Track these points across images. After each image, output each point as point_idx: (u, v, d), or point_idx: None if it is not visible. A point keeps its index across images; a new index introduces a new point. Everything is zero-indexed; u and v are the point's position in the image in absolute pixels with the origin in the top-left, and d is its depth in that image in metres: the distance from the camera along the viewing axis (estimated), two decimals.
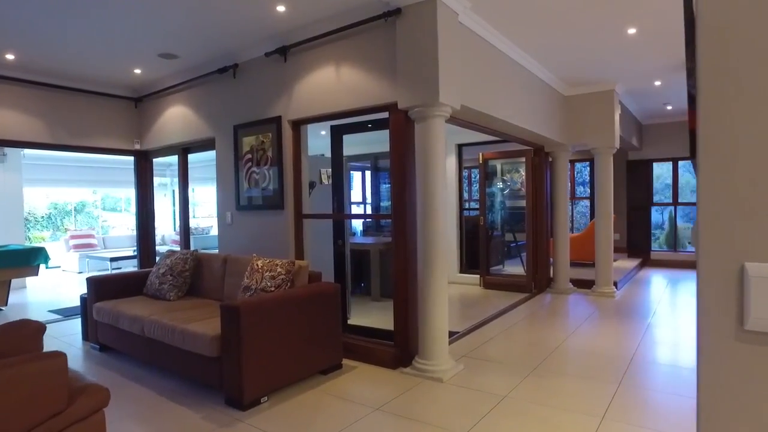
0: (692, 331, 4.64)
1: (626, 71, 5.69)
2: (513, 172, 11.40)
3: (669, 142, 9.05)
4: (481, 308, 5.84)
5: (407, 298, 3.78)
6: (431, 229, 3.55)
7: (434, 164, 3.52)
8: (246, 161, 4.79)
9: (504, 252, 8.61)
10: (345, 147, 9.11)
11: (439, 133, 3.53)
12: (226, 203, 5.05)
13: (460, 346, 4.28)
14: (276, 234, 4.56)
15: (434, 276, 3.56)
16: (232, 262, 4.30)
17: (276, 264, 3.70)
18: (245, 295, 3.70)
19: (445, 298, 3.62)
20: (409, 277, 3.78)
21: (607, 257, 6.39)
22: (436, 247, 3.55)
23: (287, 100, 4.42)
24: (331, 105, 4.09)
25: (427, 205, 3.54)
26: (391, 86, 3.69)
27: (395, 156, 3.76)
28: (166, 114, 5.68)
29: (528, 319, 5.24)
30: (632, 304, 5.90)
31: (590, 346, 4.22)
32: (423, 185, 3.55)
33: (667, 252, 9.47)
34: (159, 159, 6.28)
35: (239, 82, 4.83)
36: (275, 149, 4.51)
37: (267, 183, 4.61)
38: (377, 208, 8.51)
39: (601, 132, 6.32)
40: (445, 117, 3.58)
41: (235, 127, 4.85)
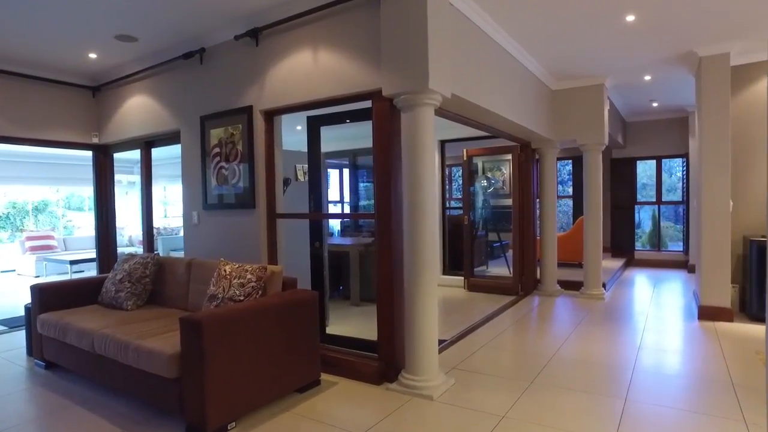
0: (691, 336, 4.41)
1: (617, 64, 5.44)
2: (495, 170, 11.17)
3: (653, 140, 8.91)
4: (467, 313, 5.53)
5: (392, 305, 3.43)
6: (419, 228, 3.20)
7: (423, 157, 3.17)
8: (214, 156, 4.37)
9: (487, 252, 8.34)
10: (322, 143, 8.71)
11: (427, 124, 3.18)
12: (193, 202, 4.61)
13: (449, 357, 3.95)
14: (247, 236, 4.16)
15: (423, 281, 3.22)
16: (197, 266, 3.88)
17: (246, 270, 3.31)
18: (211, 304, 3.29)
19: (434, 305, 3.28)
20: (395, 282, 3.43)
21: (596, 258, 6.16)
22: (424, 248, 3.21)
23: (259, 89, 4.02)
24: (307, 93, 3.71)
25: (414, 202, 3.19)
26: (374, 72, 3.33)
27: (379, 149, 3.40)
28: (127, 104, 5.20)
29: (518, 325, 4.95)
30: (623, 307, 5.67)
31: (588, 354, 3.94)
32: (410, 180, 3.20)
33: (651, 251, 9.34)
34: (128, 154, 5.79)
35: (206, 69, 4.40)
36: (246, 142, 4.11)
37: (237, 180, 4.20)
38: (356, 208, 8.14)
39: (589, 128, 6.08)
40: (434, 106, 3.23)
41: (202, 119, 4.42)
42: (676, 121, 8.66)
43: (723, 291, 4.88)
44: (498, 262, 8.44)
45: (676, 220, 10.94)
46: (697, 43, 4.78)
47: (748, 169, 5.24)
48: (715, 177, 4.87)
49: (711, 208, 4.90)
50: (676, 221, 10.90)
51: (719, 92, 4.82)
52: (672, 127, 8.72)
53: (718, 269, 4.89)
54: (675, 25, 4.28)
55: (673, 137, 8.73)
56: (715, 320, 4.88)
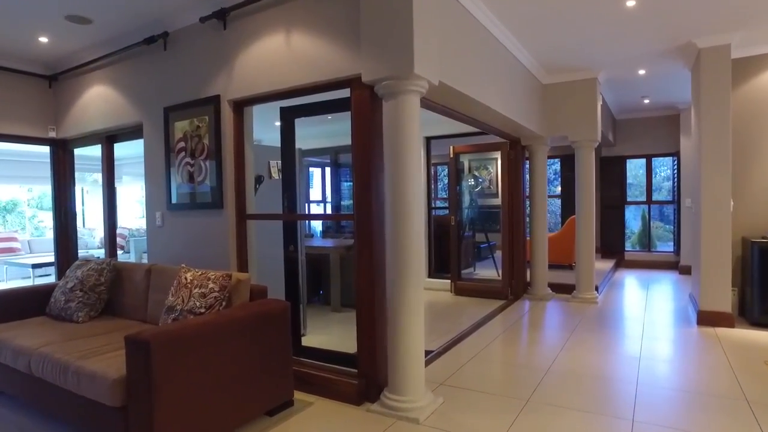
0: (692, 344, 4.14)
1: (612, 56, 5.17)
2: (482, 168, 10.89)
3: (643, 139, 8.70)
4: (454, 319, 5.21)
5: (373, 316, 3.08)
6: (404, 231, 2.86)
7: (407, 151, 2.83)
8: (179, 151, 3.98)
9: (475, 253, 8.04)
10: (302, 140, 8.31)
11: (413, 113, 2.84)
12: (156, 201, 4.21)
13: (436, 371, 3.62)
14: (214, 239, 3.78)
15: (407, 289, 2.88)
16: (157, 273, 3.49)
17: (208, 278, 2.93)
18: (168, 318, 2.91)
19: (420, 317, 2.94)
20: (376, 291, 3.08)
21: (588, 260, 5.89)
22: (409, 253, 2.86)
23: (227, 77, 3.64)
24: (279, 81, 3.35)
25: (398, 201, 2.85)
26: (353, 56, 2.98)
27: (358, 142, 3.05)
28: (86, 95, 4.77)
29: (508, 333, 4.64)
30: (617, 312, 5.40)
31: (586, 366, 3.64)
32: (393, 177, 2.86)
33: (641, 252, 9.14)
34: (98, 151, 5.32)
35: (170, 55, 4.01)
36: (213, 136, 3.73)
37: (203, 177, 3.82)
38: (338, 208, 7.78)
39: (582, 124, 5.81)
40: (420, 93, 2.89)
41: (166, 110, 4.02)
42: (666, 118, 8.46)
43: (723, 295, 4.63)
44: (485, 264, 8.15)
45: (661, 219, 10.78)
46: (697, 34, 4.51)
47: (747, 167, 5.00)
48: (715, 176, 4.62)
49: (711, 209, 4.65)
50: (661, 220, 10.74)
51: (719, 86, 4.57)
52: (662, 125, 8.51)
53: (718, 272, 4.63)
54: (674, 13, 4.01)
55: (663, 135, 8.52)
56: (716, 326, 4.63)
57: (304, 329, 4.67)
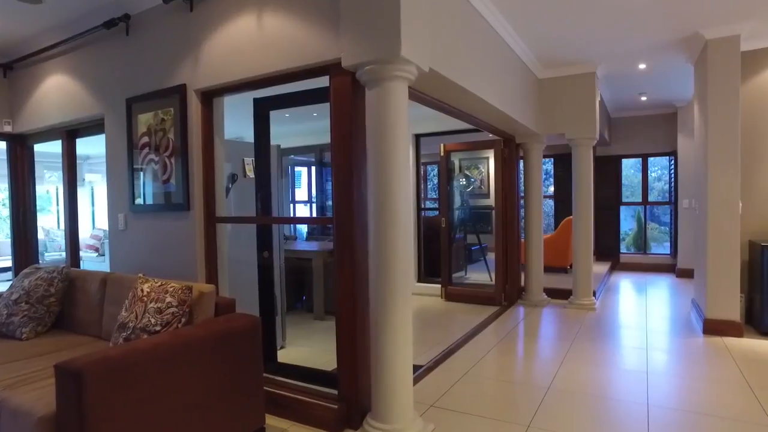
0: (702, 356, 3.84)
1: (612, 49, 4.87)
2: (473, 168, 10.58)
3: (639, 138, 8.44)
4: (445, 329, 4.87)
5: (355, 331, 2.74)
6: (390, 236, 2.51)
7: (394, 145, 2.49)
8: (143, 146, 3.60)
9: (466, 255, 7.73)
10: (286, 138, 7.96)
11: (400, 103, 2.50)
12: (119, 202, 3.83)
13: (426, 390, 3.28)
14: (180, 244, 3.40)
15: (394, 302, 2.53)
16: (113, 283, 3.12)
17: (166, 291, 2.57)
18: (120, 336, 2.54)
19: (408, 332, 2.60)
20: (358, 303, 2.73)
21: (586, 264, 5.59)
22: (396, 261, 2.52)
23: (193, 64, 3.27)
24: (251, 68, 2.99)
25: (383, 203, 2.50)
26: (331, 38, 2.63)
27: (338, 136, 2.70)
28: (45, 86, 4.36)
29: (504, 345, 4.31)
30: (617, 319, 5.11)
31: (589, 383, 3.32)
32: (377, 175, 2.51)
33: (636, 254, 8.88)
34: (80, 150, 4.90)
35: (133, 41, 3.63)
36: (178, 130, 3.35)
37: (168, 176, 3.45)
38: (323, 209, 7.43)
39: (579, 121, 5.50)
40: (408, 80, 2.55)
41: (129, 101, 3.64)
42: (663, 116, 8.20)
43: (731, 303, 4.34)
44: (477, 267, 7.84)
45: (652, 219, 10.54)
46: (704, 24, 4.22)
47: (755, 166, 4.73)
48: (722, 175, 4.33)
49: (718, 210, 4.36)
50: (652, 220, 10.49)
51: (728, 80, 4.28)
52: (659, 123, 8.26)
53: (725, 278, 4.35)
54: (681, 1, 3.71)
55: (660, 134, 8.27)
56: (723, 335, 4.34)
57: (283, 341, 4.32)
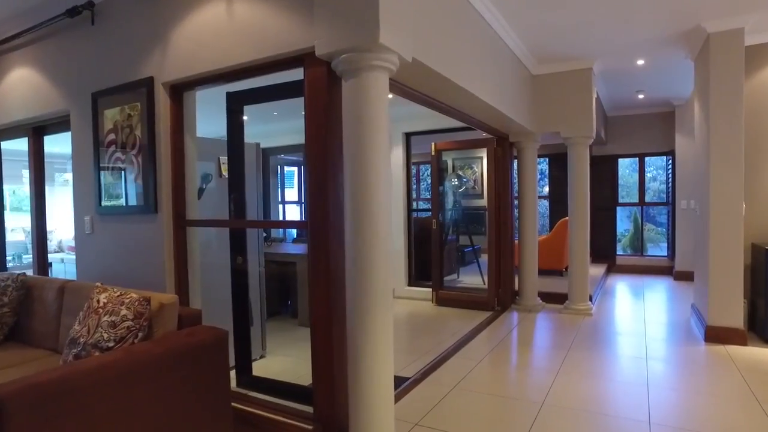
0: (705, 367, 3.63)
1: (610, 43, 4.66)
2: (466, 168, 10.37)
3: (635, 137, 8.24)
4: (435, 336, 4.65)
5: (331, 346, 2.51)
6: (367, 241, 2.29)
7: (372, 142, 2.26)
8: (109, 144, 3.36)
9: (458, 257, 7.51)
10: (276, 137, 7.72)
11: (379, 95, 2.27)
12: (85, 204, 3.58)
13: (411, 405, 3.06)
14: (147, 249, 3.16)
15: (372, 315, 2.31)
16: (72, 293, 2.88)
17: (123, 302, 2.33)
18: (70, 353, 2.31)
19: (389, 348, 2.38)
20: (335, 315, 2.51)
21: (582, 267, 5.38)
22: (374, 268, 2.30)
23: (161, 55, 3.03)
24: (221, 58, 2.75)
25: (360, 205, 2.28)
26: (305, 25, 2.40)
27: (312, 132, 2.47)
28: (8, 79, 4.10)
29: (496, 354, 4.09)
30: (615, 326, 4.90)
31: (587, 398, 3.10)
32: (354, 175, 2.29)
33: (633, 256, 8.69)
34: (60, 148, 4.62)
35: (99, 30, 3.38)
36: (145, 126, 3.12)
37: (135, 175, 3.21)
38: None
39: (575, 119, 5.29)
40: (389, 71, 2.32)
41: (94, 96, 3.39)
42: (661, 115, 8.01)
43: (734, 309, 4.14)
44: (470, 269, 7.62)
45: (647, 220, 10.34)
46: (706, 17, 4.02)
47: (759, 166, 4.53)
48: (725, 175, 4.13)
49: (720, 212, 4.15)
50: (648, 221, 10.30)
51: (731, 75, 4.08)
52: (656, 122, 8.06)
53: (728, 284, 4.14)
54: None
55: (657, 133, 8.07)
56: (726, 343, 4.14)
57: (263, 350, 4.09)
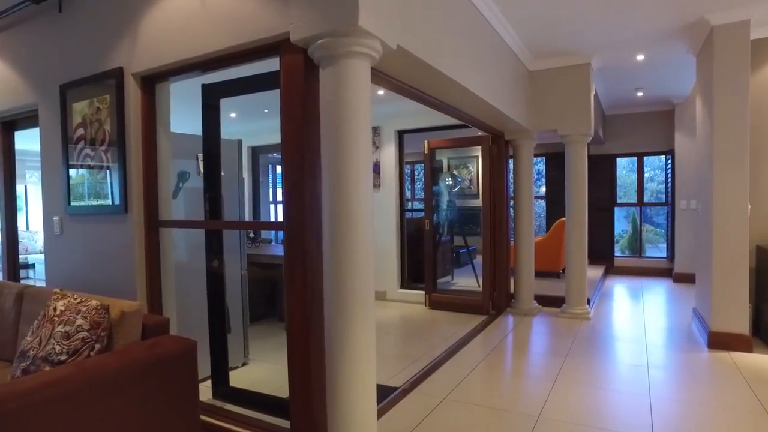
0: (710, 376, 3.45)
1: (609, 37, 4.48)
2: (462, 167, 10.18)
3: (634, 136, 8.06)
4: (426, 341, 4.46)
5: (309, 357, 2.31)
6: (346, 245, 2.09)
7: (351, 136, 2.07)
8: (78, 140, 3.15)
9: (452, 258, 7.32)
10: (264, 135, 7.51)
11: (360, 84, 2.08)
12: (54, 203, 3.38)
13: (397, 419, 2.86)
14: (117, 252, 2.96)
15: (351, 324, 2.11)
16: (31, 299, 2.68)
17: (79, 310, 2.13)
18: (18, 367, 2.10)
19: (370, 359, 2.18)
20: (313, 324, 2.31)
21: (580, 269, 5.20)
22: (354, 275, 2.10)
23: (131, 44, 2.83)
24: (193, 47, 2.56)
25: (339, 204, 2.08)
26: (281, 9, 2.20)
27: (289, 126, 2.28)
28: None
29: (490, 361, 3.90)
30: (613, 331, 4.72)
31: (585, 411, 2.91)
32: (332, 173, 2.09)
33: (631, 258, 8.51)
34: None
35: (67, 18, 3.18)
36: (115, 120, 2.92)
37: (105, 173, 3.01)
38: None
39: (573, 116, 5.11)
40: (371, 59, 2.13)
41: (63, 88, 3.19)
42: (660, 114, 7.84)
43: (739, 314, 3.96)
44: (465, 270, 7.44)
45: (645, 220, 10.16)
46: (710, 8, 3.84)
47: (765, 165, 4.35)
48: (729, 175, 3.95)
49: (724, 213, 3.98)
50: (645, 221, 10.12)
51: (736, 69, 3.90)
52: (655, 121, 7.89)
53: (733, 287, 3.96)
54: None
55: (656, 132, 7.90)
56: (730, 350, 3.96)
57: (246, 357, 3.89)
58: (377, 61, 2.20)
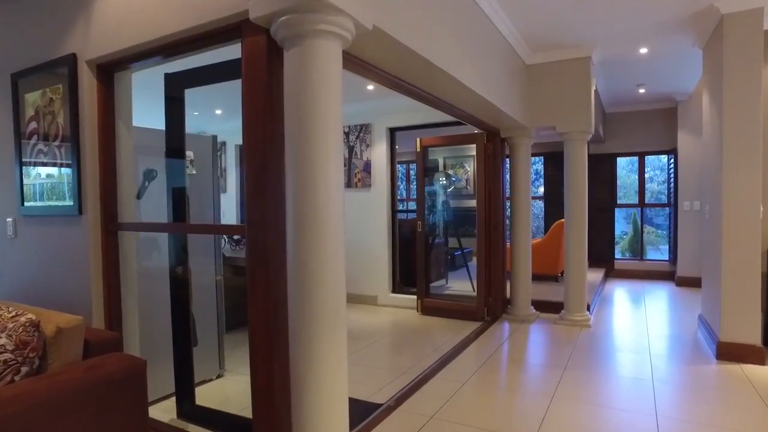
0: (721, 391, 3.18)
1: (611, 28, 4.22)
2: (458, 167, 9.92)
3: (635, 134, 7.80)
4: (417, 350, 4.19)
5: (273, 375, 2.04)
6: (313, 250, 1.82)
7: (318, 127, 1.80)
8: (31, 134, 2.89)
9: (447, 261, 7.06)
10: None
11: (328, 68, 1.81)
12: (7, 204, 3.11)
13: None
14: (71, 258, 2.69)
15: (318, 340, 1.85)
16: None
17: (6, 326, 1.86)
18: None
19: (341, 382, 1.91)
20: (279, 342, 2.04)
21: (579, 273, 4.93)
22: (321, 286, 1.83)
23: (84, 27, 2.57)
24: (150, 29, 2.29)
25: (304, 205, 1.81)
26: None
27: (251, 116, 2.01)
28: None
29: (483, 374, 3.63)
30: (615, 339, 4.45)
31: (585, 430, 2.65)
32: (296, 169, 1.82)
33: (632, 260, 8.25)
34: None
35: (17, 0, 2.91)
36: (68, 112, 2.65)
37: (58, 170, 2.74)
38: None
39: (572, 112, 4.85)
40: (342, 39, 1.86)
41: (14, 77, 2.92)
42: (662, 112, 7.58)
43: (751, 323, 3.70)
44: (460, 273, 7.17)
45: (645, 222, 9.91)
46: None
47: None
48: (740, 175, 3.69)
49: (734, 215, 3.71)
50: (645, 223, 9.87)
51: (748, 62, 3.63)
52: (657, 119, 7.63)
53: (744, 294, 3.70)
54: None
55: (658, 131, 7.64)
56: (741, 362, 3.69)
57: (222, 368, 3.62)
58: (350, 43, 1.94)
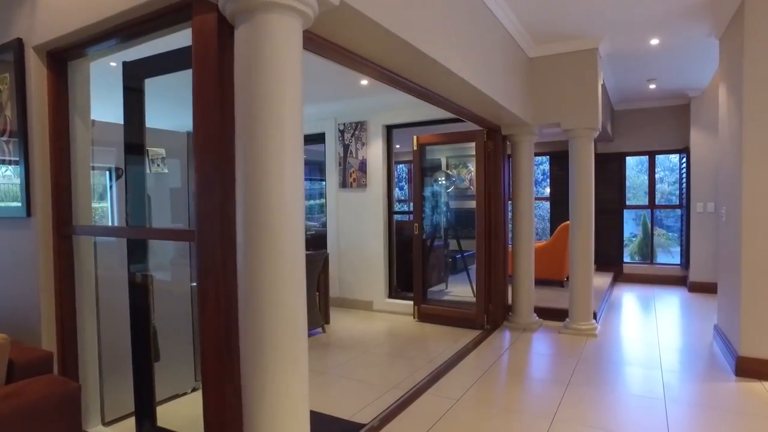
0: (743, 415, 2.87)
1: (619, 15, 3.92)
2: (461, 166, 9.61)
3: (645, 133, 7.47)
4: (409, 362, 3.91)
5: (224, 401, 1.78)
6: (264, 263, 1.55)
7: (271, 117, 1.53)
8: None
9: (446, 265, 6.77)
10: None
11: (285, 48, 1.54)
12: None
13: None
14: (19, 264, 2.45)
15: (270, 370, 1.58)
16: None
17: None
18: None
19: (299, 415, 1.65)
20: (233, 361, 1.78)
21: (586, 279, 4.62)
22: (274, 303, 1.57)
23: (30, 9, 2.32)
24: (96, 8, 2.04)
25: (254, 210, 1.55)
26: None
27: (201, 106, 1.75)
28: None
29: (478, 390, 3.35)
30: (624, 352, 4.15)
31: None
32: (247, 168, 1.56)
33: (642, 264, 7.92)
34: None
35: None
36: (16, 104, 2.41)
37: (6, 168, 2.50)
38: None
39: (578, 108, 4.55)
40: (301, 14, 1.59)
41: None
42: (674, 109, 7.24)
43: None
44: (461, 277, 6.88)
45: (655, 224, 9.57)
46: None
47: None
48: (762, 174, 3.38)
49: (756, 218, 3.40)
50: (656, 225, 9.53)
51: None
52: (669, 116, 7.29)
53: (766, 305, 3.39)
54: None
55: (669, 129, 7.30)
56: (763, 379, 3.38)
57: (197, 382, 3.37)
58: (312, 21, 1.67)
